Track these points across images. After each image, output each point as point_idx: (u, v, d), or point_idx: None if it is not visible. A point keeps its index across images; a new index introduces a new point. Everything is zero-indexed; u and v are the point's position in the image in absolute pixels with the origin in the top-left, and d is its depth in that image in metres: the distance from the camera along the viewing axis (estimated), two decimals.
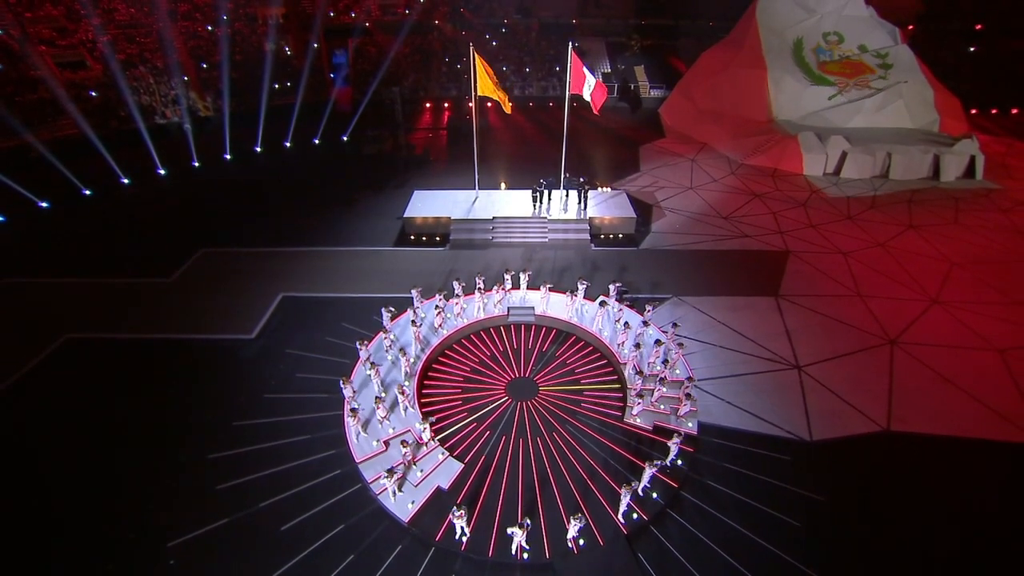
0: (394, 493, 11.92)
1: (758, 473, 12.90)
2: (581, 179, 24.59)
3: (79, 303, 19.24)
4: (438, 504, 11.89)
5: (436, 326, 16.67)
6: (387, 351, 15.70)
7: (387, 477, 11.41)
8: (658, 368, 15.07)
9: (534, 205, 24.32)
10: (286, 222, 25.34)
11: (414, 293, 17.10)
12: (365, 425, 13.56)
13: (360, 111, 40.72)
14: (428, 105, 46.87)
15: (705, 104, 39.84)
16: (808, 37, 38.25)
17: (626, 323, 15.86)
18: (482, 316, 17.53)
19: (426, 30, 53.04)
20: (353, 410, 13.07)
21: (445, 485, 12.34)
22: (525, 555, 10.93)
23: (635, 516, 11.66)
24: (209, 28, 47.65)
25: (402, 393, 13.60)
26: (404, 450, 12.20)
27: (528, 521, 10.53)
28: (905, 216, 26.53)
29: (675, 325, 15.97)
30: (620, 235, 23.96)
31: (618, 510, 11.55)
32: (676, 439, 12.31)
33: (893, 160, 31.29)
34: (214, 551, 11.18)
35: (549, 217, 23.77)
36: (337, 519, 11.79)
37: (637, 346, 14.92)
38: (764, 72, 36.99)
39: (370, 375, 14.39)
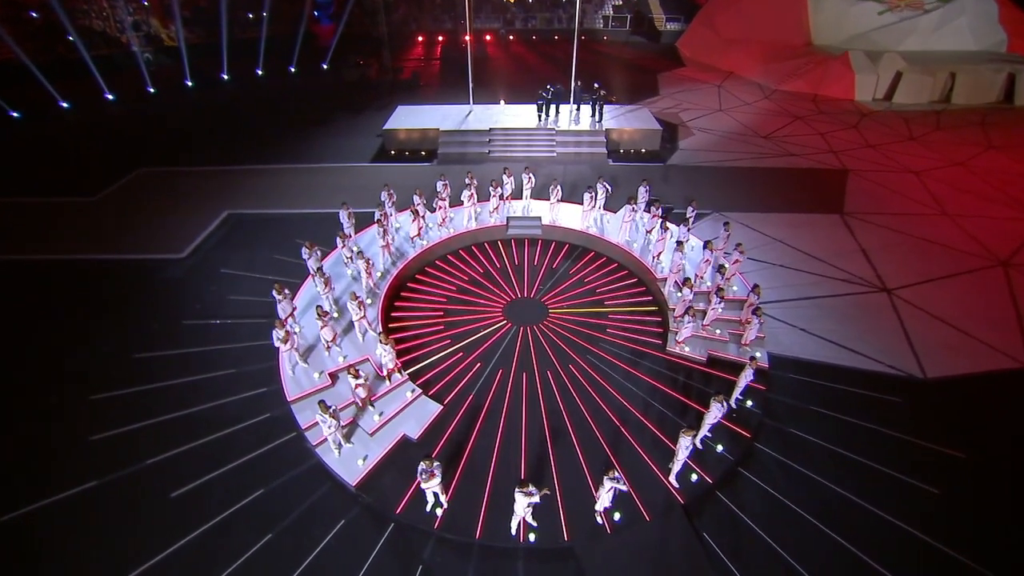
0: (339, 445, 8.18)
1: (860, 419, 9.13)
2: (596, 84, 20.30)
3: None
4: (403, 461, 8.17)
5: (412, 236, 12.73)
6: (347, 263, 11.83)
7: (323, 416, 7.63)
8: (708, 284, 11.19)
9: (539, 116, 20.13)
10: (246, 141, 21.25)
11: (384, 195, 13.11)
12: (306, 354, 9.77)
13: (338, 35, 36.07)
14: (420, 39, 42.02)
15: (730, 32, 34.96)
16: None
17: (662, 223, 11.93)
18: (474, 227, 13.58)
19: None
20: (282, 323, 9.16)
21: (414, 435, 8.60)
22: (531, 536, 7.24)
23: (694, 478, 7.93)
24: None
25: (359, 307, 9.72)
26: (354, 382, 8.38)
27: (535, 489, 6.75)
28: (981, 137, 22.28)
29: (727, 226, 12.01)
30: (643, 150, 19.82)
31: (670, 470, 7.82)
32: (750, 370, 8.49)
33: (957, 81, 26.76)
34: (67, 527, 7.49)
35: (557, 128, 19.59)
36: (255, 482, 8.08)
37: (679, 245, 10.98)
38: None
39: (320, 291, 10.55)
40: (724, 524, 7.57)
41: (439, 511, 7.47)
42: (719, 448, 8.36)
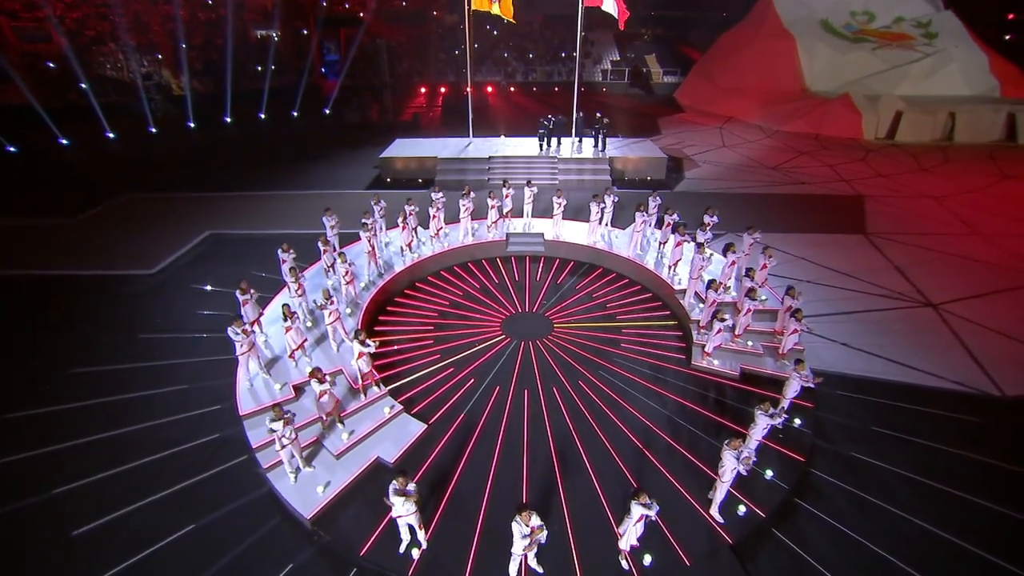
0: (296, 469, 6.59)
1: (933, 441, 7.52)
2: (598, 113, 19.94)
3: None
4: (373, 490, 6.53)
5: (403, 246, 11.56)
6: (327, 273, 10.59)
7: (276, 424, 6.11)
8: (735, 294, 9.88)
9: (541, 145, 19.61)
10: (238, 171, 20.71)
11: (373, 203, 12.08)
12: (270, 365, 8.32)
13: (340, 83, 36.91)
14: (423, 89, 43.05)
15: (727, 82, 35.55)
16: (834, 17, 34.26)
17: (675, 226, 10.79)
18: (470, 242, 12.44)
19: (423, 20, 50.05)
20: (241, 320, 7.78)
21: (390, 458, 7.00)
22: None
23: (742, 511, 6.26)
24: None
25: (332, 305, 8.36)
26: (319, 388, 6.88)
27: (540, 522, 5.14)
28: (992, 168, 21.71)
29: (751, 229, 10.88)
30: (648, 178, 19.10)
31: (711, 501, 6.18)
32: (798, 374, 7.00)
33: (958, 120, 26.63)
34: None
35: (559, 156, 18.99)
36: (186, 516, 6.41)
37: (700, 247, 9.76)
38: (792, 42, 32.97)
39: (292, 292, 9.26)
40: (784, 567, 5.84)
41: (416, 552, 5.77)
42: (768, 474, 6.73)
